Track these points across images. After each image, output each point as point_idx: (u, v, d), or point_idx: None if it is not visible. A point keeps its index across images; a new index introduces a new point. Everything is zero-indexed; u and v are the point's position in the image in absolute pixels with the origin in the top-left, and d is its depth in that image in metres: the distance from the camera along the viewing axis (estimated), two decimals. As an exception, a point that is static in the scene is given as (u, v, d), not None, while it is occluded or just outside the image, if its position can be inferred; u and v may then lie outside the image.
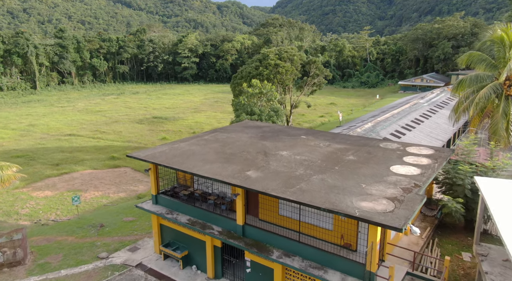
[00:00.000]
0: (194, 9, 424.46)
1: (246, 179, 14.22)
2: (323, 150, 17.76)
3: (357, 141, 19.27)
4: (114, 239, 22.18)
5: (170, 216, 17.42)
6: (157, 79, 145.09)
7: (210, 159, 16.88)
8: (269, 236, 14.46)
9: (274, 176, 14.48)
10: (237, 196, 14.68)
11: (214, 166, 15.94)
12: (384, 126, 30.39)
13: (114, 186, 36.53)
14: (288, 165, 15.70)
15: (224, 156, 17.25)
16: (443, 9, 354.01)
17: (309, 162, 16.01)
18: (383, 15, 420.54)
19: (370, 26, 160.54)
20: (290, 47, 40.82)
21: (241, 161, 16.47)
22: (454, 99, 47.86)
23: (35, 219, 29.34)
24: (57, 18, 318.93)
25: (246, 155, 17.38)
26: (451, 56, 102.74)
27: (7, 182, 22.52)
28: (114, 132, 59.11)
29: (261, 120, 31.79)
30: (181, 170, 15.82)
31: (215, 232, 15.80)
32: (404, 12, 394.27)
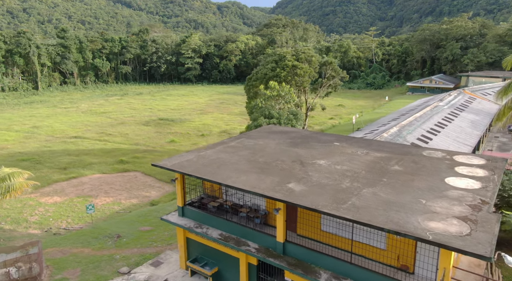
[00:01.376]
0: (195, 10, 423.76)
1: (290, 193, 12.97)
2: (362, 159, 16.51)
3: (396, 148, 18.03)
4: (133, 251, 20.92)
5: (200, 231, 16.16)
6: (160, 80, 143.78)
7: (244, 169, 15.62)
8: (315, 256, 13.21)
9: (319, 190, 13.22)
10: (278, 211, 13.41)
11: (250, 177, 14.68)
12: (409, 130, 29.15)
13: (125, 191, 35.26)
14: (331, 177, 14.45)
15: (257, 166, 16.00)
16: (444, 10, 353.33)
17: (352, 173, 14.76)
18: (384, 16, 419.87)
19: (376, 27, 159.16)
20: (306, 47, 39.64)
21: (277, 172, 15.21)
22: (472, 102, 46.71)
23: (46, 228, 28.06)
24: (57, 18, 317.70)
25: (281, 164, 16.12)
26: (460, 57, 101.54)
27: (19, 190, 21.31)
28: (120, 135, 57.84)
29: (280, 124, 30.54)
30: (215, 182, 14.56)
31: (251, 249, 14.53)
32: (404, 13, 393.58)
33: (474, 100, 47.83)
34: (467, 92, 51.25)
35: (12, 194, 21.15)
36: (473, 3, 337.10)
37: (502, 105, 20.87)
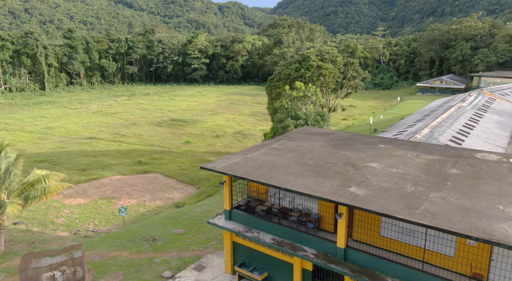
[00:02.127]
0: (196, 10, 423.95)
1: (355, 198, 12.63)
2: (415, 162, 16.17)
3: (447, 151, 17.68)
4: (171, 255, 20.61)
5: (251, 235, 15.84)
6: (166, 80, 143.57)
7: (297, 172, 15.30)
8: (380, 262, 12.87)
9: (383, 194, 12.88)
10: (341, 216, 13.08)
11: (307, 180, 14.35)
12: (440, 131, 28.80)
13: (148, 193, 34.97)
14: (390, 181, 14.11)
15: (310, 169, 15.67)
16: (446, 10, 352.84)
17: (412, 177, 14.41)
18: (385, 16, 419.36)
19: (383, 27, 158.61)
20: (330, 48, 39.30)
21: (332, 175, 14.88)
22: (492, 102, 46.30)
23: (73, 230, 27.77)
24: (58, 18, 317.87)
25: (333, 167, 15.79)
26: (470, 57, 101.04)
27: (54, 193, 21.15)
28: (134, 136, 57.57)
29: (307, 125, 30.20)
30: (272, 186, 14.24)
31: (309, 254, 14.20)
32: (406, 13, 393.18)
33: (494, 101, 47.44)
34: (486, 92, 50.86)
35: (48, 196, 20.94)
36: (475, 4, 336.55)
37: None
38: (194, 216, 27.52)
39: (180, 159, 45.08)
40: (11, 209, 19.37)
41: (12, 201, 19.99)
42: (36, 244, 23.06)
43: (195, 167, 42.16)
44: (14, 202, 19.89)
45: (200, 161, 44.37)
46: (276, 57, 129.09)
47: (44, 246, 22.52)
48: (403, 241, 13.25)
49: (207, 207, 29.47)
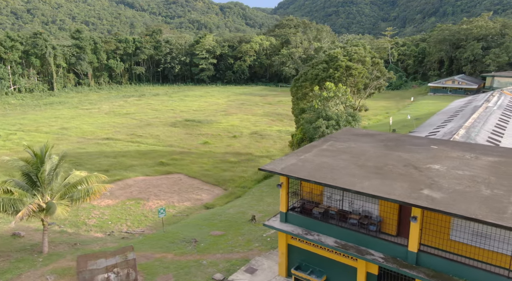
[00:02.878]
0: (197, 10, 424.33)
1: (433, 201, 12.41)
2: (477, 163, 15.94)
3: (504, 152, 17.45)
4: (217, 257, 20.41)
5: (312, 238, 15.62)
6: (173, 81, 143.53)
7: (359, 174, 15.09)
8: (457, 267, 12.63)
9: (461, 197, 12.66)
10: (416, 220, 12.85)
11: (373, 182, 14.14)
12: (475, 132, 28.56)
13: (175, 194, 34.80)
14: (461, 183, 13.88)
15: (371, 171, 15.45)
16: (448, 10, 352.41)
17: (481, 179, 14.18)
18: (386, 16, 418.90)
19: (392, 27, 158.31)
20: (357, 48, 39.06)
21: (397, 177, 14.66)
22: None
23: (107, 231, 27.63)
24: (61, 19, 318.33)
25: (395, 169, 15.57)
26: (481, 57, 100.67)
27: (98, 194, 20.98)
28: (151, 136, 57.42)
29: (338, 126, 30.00)
30: (339, 188, 14.03)
31: (378, 258, 13.98)
32: (407, 13, 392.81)
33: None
34: (507, 93, 50.58)
35: (92, 197, 20.80)
36: (477, 4, 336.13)
37: None
38: (229, 218, 27.33)
39: (201, 159, 44.89)
40: (60, 210, 19.20)
41: (60, 202, 19.83)
42: (78, 245, 22.90)
43: (217, 167, 42.00)
44: (63, 204, 19.73)
45: (222, 161, 44.20)
46: (284, 57, 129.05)
47: (86, 248, 22.36)
48: (477, 245, 13.01)
49: (239, 209, 29.28)
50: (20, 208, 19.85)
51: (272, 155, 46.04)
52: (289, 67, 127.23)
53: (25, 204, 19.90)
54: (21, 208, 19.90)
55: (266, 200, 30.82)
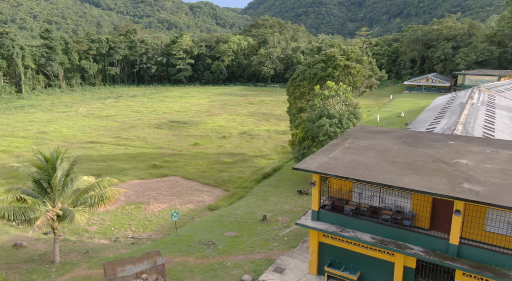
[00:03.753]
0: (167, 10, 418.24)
1: (478, 194, 12.83)
2: (501, 157, 16.63)
3: (519, 146, 18.31)
4: (240, 258, 20.18)
5: (348, 235, 15.74)
6: (149, 82, 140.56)
7: (395, 170, 15.37)
8: (500, 258, 13.10)
9: (501, 189, 13.16)
10: (460, 213, 13.24)
11: (413, 178, 14.45)
12: (471, 127, 29.81)
13: (175, 197, 34.08)
14: (495, 176, 14.43)
15: (404, 166, 15.77)
16: (411, 11, 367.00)
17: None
18: (354, 17, 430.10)
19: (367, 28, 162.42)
20: (353, 47, 39.77)
21: (432, 172, 15.05)
22: (494, 99, 48.39)
23: (112, 237, 26.68)
24: (21, 17, 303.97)
25: (426, 164, 15.97)
26: (451, 56, 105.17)
27: (112, 199, 20.27)
28: (138, 139, 55.94)
29: (341, 124, 30.42)
30: (382, 185, 14.23)
31: (419, 252, 14.27)
32: (374, 14, 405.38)
33: (495, 98, 49.63)
34: (484, 90, 53.13)
35: (106, 202, 20.08)
36: (438, 6, 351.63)
37: None
38: (238, 219, 27.08)
39: (195, 161, 44.22)
40: (78, 217, 18.33)
41: (78, 209, 18.93)
42: (90, 253, 21.94)
43: (213, 168, 41.51)
44: (80, 210, 18.85)
45: (216, 162, 43.73)
46: (262, 57, 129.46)
47: (100, 255, 21.47)
48: None
49: (247, 209, 29.07)
50: (31, 216, 18.85)
51: (266, 155, 46.06)
52: (267, 67, 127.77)
53: (36, 212, 18.91)
54: (31, 216, 18.89)
55: (272, 200, 30.77)
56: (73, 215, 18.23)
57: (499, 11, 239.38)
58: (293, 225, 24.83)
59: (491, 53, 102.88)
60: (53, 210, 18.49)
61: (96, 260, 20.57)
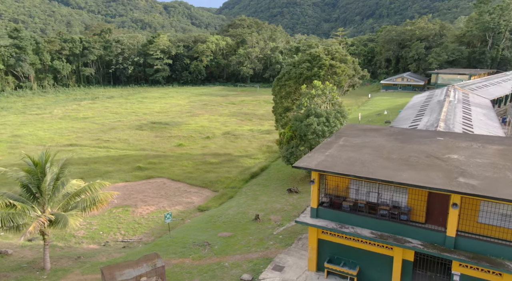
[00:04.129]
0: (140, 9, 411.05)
1: (474, 188, 13.39)
2: (488, 152, 17.39)
3: (500, 140, 19.19)
4: (237, 258, 20.19)
5: (348, 231, 16.06)
6: (126, 82, 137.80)
7: (392, 166, 15.81)
8: (494, 248, 13.72)
9: (495, 183, 13.78)
10: (457, 206, 13.79)
11: (411, 174, 14.90)
12: (452, 124, 30.96)
13: (163, 199, 33.64)
14: (487, 170, 15.08)
15: (400, 163, 16.25)
16: (383, 13, 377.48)
17: (502, 166, 15.51)
18: (328, 17, 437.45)
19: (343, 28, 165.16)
20: (337, 47, 40.41)
21: (427, 167, 15.57)
22: (468, 97, 50.39)
23: (101, 242, 26.06)
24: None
25: (420, 160, 16.50)
26: (424, 56, 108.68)
27: (105, 202, 19.88)
28: (119, 140, 54.78)
29: (328, 122, 30.92)
30: (382, 181, 14.59)
31: (417, 245, 14.74)
32: (347, 15, 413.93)
33: (468, 96, 51.69)
34: (458, 88, 55.23)
35: (98, 206, 19.65)
36: (408, 7, 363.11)
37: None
38: (231, 219, 27.04)
39: (180, 162, 43.77)
40: (73, 221, 17.80)
41: (71, 214, 18.38)
42: (82, 258, 21.34)
43: (199, 169, 41.24)
44: (74, 214, 18.31)
45: (202, 163, 43.46)
46: (241, 57, 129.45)
47: (93, 260, 20.93)
48: (504, 225, 14.21)
49: (238, 209, 29.06)
50: (20, 222, 18.19)
51: (252, 155, 46.15)
52: (246, 67, 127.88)
53: (25, 218, 18.27)
54: (20, 223, 18.24)
55: (262, 199, 30.90)
56: (66, 220, 17.70)
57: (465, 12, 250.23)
58: (286, 223, 25.06)
59: (461, 53, 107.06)
60: (45, 215, 17.88)
61: (89, 265, 20.05)
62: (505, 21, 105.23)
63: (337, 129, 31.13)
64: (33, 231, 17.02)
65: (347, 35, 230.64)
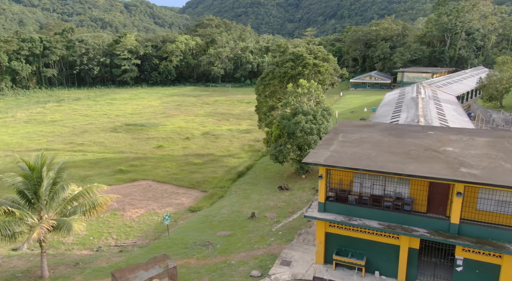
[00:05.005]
0: (99, 8, 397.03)
1: (477, 177, 14.40)
2: (478, 143, 18.66)
3: (486, 132, 20.63)
4: (242, 255, 20.36)
5: (357, 223, 16.69)
6: (92, 84, 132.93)
7: (397, 160, 16.60)
8: (495, 232, 14.81)
9: (493, 172, 14.87)
10: (462, 195, 14.75)
11: (416, 166, 15.75)
12: (430, 119, 32.70)
13: (151, 201, 33.07)
14: (483, 160, 16.21)
15: (403, 156, 17.08)
16: (344, 13, 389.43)
17: (494, 156, 16.70)
18: (292, 18, 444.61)
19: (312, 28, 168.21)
20: (319, 47, 41.31)
21: (429, 160, 16.50)
22: (437, 94, 53.24)
23: (93, 247, 25.30)
24: None
25: (421, 153, 17.43)
26: (389, 55, 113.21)
27: (104, 205, 19.46)
28: (95, 144, 53.00)
29: (316, 120, 31.68)
30: (393, 174, 15.33)
31: (424, 234, 15.59)
32: (311, 15, 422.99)
33: (437, 92, 54.62)
34: (427, 86, 58.15)
35: (98, 210, 19.23)
36: (367, 8, 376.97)
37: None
38: (226, 218, 27.09)
39: (163, 164, 43.09)
40: (77, 226, 17.21)
41: (74, 218, 17.75)
42: (81, 265, 20.61)
43: (184, 170, 40.82)
44: (77, 219, 17.70)
45: (186, 164, 43.03)
46: (211, 57, 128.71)
47: (92, 266, 20.30)
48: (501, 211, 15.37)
49: (231, 208, 29.13)
50: (16, 230, 17.40)
51: (235, 154, 46.23)
52: (217, 67, 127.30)
53: (22, 225, 17.50)
54: (17, 230, 17.46)
55: (254, 197, 31.14)
56: (70, 225, 17.11)
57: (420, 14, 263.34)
58: (283, 220, 25.48)
59: (422, 52, 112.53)
60: (48, 221, 17.18)
61: (90, 271, 19.47)
62: (461, 23, 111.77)
63: (324, 126, 31.99)
64: (37, 238, 16.31)
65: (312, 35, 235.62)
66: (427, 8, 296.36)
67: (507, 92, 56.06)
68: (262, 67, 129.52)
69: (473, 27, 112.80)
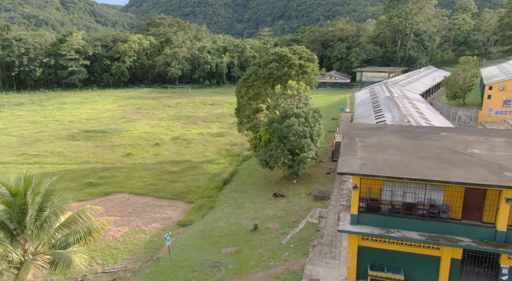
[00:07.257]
0: (32, 4, 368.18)
1: (526, 181, 13.88)
2: (499, 144, 18.48)
3: (501, 132, 20.63)
4: (260, 275, 18.53)
5: (397, 235, 15.57)
6: (34, 86, 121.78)
7: (432, 165, 15.76)
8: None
9: (536, 174, 14.50)
10: (511, 202, 14.14)
11: (458, 172, 14.96)
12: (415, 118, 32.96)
13: (133, 216, 29.90)
14: (517, 162, 15.88)
15: (436, 161, 16.34)
16: (292, 14, 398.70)
17: (524, 157, 16.49)
18: (240, 18, 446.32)
19: (270, 28, 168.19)
20: (299, 47, 40.11)
21: (465, 164, 15.86)
22: (405, 93, 54.71)
23: (77, 276, 21.98)
24: None
25: (451, 156, 16.80)
26: (346, 55, 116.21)
27: (102, 231, 16.79)
28: (52, 154, 47.69)
29: (308, 122, 30.50)
30: (441, 182, 14.36)
31: (471, 243, 14.83)
32: (259, 16, 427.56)
33: (404, 91, 56.19)
34: (392, 85, 59.73)
35: (95, 236, 16.48)
36: (314, 10, 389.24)
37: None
38: (226, 232, 24.92)
39: (137, 173, 39.60)
40: (78, 260, 14.28)
41: (73, 250, 14.76)
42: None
43: (162, 180, 37.74)
44: (78, 252, 14.73)
45: (162, 173, 39.90)
46: (168, 57, 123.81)
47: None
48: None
49: (228, 220, 26.98)
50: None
51: (212, 160, 43.82)
52: (174, 67, 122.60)
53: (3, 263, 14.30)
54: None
55: (248, 206, 29.21)
56: (69, 259, 14.18)
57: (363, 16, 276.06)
58: (289, 231, 23.93)
59: (376, 52, 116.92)
60: (43, 256, 14.09)
61: (88, 311, 16.48)
62: (409, 24, 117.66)
63: (317, 129, 30.90)
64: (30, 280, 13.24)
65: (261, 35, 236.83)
66: (369, 11, 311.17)
67: (469, 90, 59.22)
68: (220, 67, 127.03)
69: (420, 28, 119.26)
